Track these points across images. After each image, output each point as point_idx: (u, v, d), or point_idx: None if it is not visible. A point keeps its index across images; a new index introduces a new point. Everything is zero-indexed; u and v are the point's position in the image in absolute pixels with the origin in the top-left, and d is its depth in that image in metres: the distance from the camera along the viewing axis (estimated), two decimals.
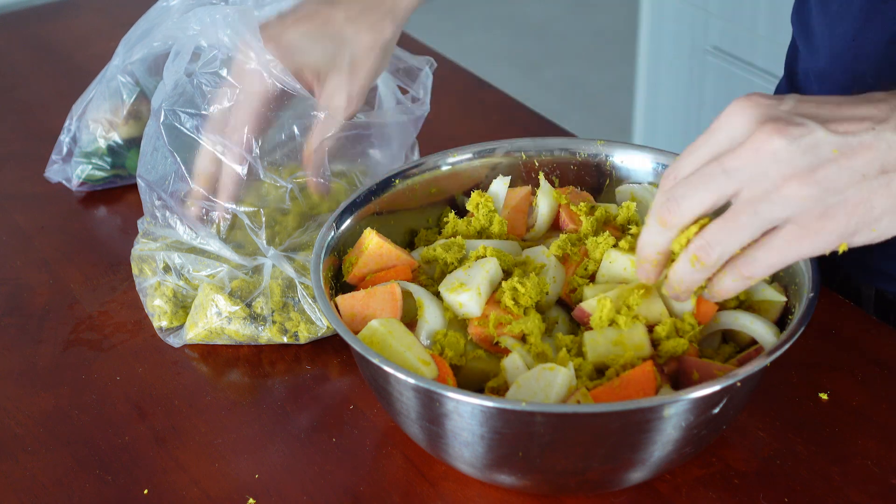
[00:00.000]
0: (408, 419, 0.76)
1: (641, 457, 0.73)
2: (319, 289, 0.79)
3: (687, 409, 0.70)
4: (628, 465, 0.73)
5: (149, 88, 1.09)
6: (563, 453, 0.72)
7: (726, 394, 0.71)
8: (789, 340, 0.72)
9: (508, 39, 3.60)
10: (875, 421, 0.83)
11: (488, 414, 0.70)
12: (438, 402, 0.72)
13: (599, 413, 0.69)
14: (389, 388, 0.75)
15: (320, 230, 0.86)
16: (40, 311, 0.97)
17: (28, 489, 0.80)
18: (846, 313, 0.93)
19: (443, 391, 0.71)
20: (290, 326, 0.90)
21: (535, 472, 0.75)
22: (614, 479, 0.75)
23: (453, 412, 0.71)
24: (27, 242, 1.06)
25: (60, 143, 1.12)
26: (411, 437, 0.78)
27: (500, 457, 0.73)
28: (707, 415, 0.72)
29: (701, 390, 0.69)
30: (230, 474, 0.81)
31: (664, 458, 0.74)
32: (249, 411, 0.86)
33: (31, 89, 1.33)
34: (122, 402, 0.87)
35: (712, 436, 0.76)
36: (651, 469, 0.74)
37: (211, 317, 0.90)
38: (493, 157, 0.93)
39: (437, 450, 0.76)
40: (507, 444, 0.72)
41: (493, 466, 0.74)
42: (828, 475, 0.79)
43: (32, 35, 1.45)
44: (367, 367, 0.77)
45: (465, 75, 1.32)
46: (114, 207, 1.11)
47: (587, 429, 0.70)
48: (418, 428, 0.76)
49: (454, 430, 0.72)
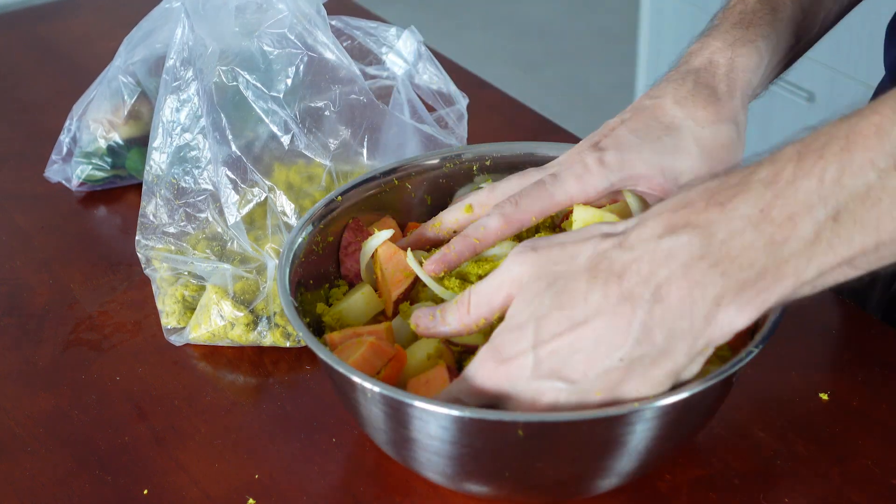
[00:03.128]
0: (375, 429, 0.74)
1: (605, 465, 0.71)
2: (286, 293, 0.78)
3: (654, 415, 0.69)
4: (593, 474, 0.72)
5: (150, 89, 1.09)
6: (527, 462, 0.71)
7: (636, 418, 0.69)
8: (744, 360, 0.71)
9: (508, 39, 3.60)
10: (875, 421, 0.83)
11: (453, 423, 0.69)
12: (402, 411, 0.70)
13: (563, 422, 0.68)
14: (355, 396, 0.73)
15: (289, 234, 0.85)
16: (40, 311, 0.97)
17: (28, 489, 0.80)
18: (846, 313, 0.93)
19: (407, 399, 0.69)
20: (291, 330, 0.90)
21: (501, 482, 0.73)
22: (582, 487, 0.74)
23: (418, 421, 0.70)
24: (27, 242, 1.06)
25: (60, 143, 1.12)
26: (381, 447, 0.77)
27: (466, 466, 0.72)
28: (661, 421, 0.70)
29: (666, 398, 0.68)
30: (230, 474, 0.81)
31: (633, 466, 0.72)
32: (249, 411, 0.86)
33: (31, 89, 1.33)
34: (122, 402, 0.87)
35: (689, 436, 0.75)
36: (620, 477, 0.73)
37: (214, 320, 0.90)
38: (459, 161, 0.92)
39: (406, 459, 0.75)
40: (472, 454, 0.71)
41: (460, 476, 0.73)
42: (828, 475, 0.79)
43: (32, 35, 1.45)
44: (332, 375, 0.76)
45: (465, 75, 1.32)
46: (114, 207, 1.11)
47: (552, 438, 0.69)
48: (386, 438, 0.74)
49: (420, 439, 0.71)
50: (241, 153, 0.91)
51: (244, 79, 0.92)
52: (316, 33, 0.94)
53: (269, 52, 0.93)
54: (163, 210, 0.94)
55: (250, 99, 0.92)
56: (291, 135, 0.92)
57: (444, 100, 1.05)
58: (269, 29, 0.92)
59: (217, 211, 0.93)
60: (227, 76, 0.91)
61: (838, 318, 0.92)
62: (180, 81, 0.94)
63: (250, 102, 0.92)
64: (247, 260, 0.92)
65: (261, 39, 0.92)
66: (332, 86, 0.95)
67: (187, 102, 0.94)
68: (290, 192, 0.92)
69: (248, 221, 0.92)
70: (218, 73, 0.91)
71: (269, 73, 0.93)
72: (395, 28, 1.06)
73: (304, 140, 0.93)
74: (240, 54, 0.92)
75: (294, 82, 0.94)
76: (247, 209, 0.91)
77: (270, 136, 0.92)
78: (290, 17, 0.92)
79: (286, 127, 0.92)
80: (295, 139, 0.92)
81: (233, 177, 0.91)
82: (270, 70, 0.93)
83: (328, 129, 0.95)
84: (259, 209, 0.92)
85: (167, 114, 0.94)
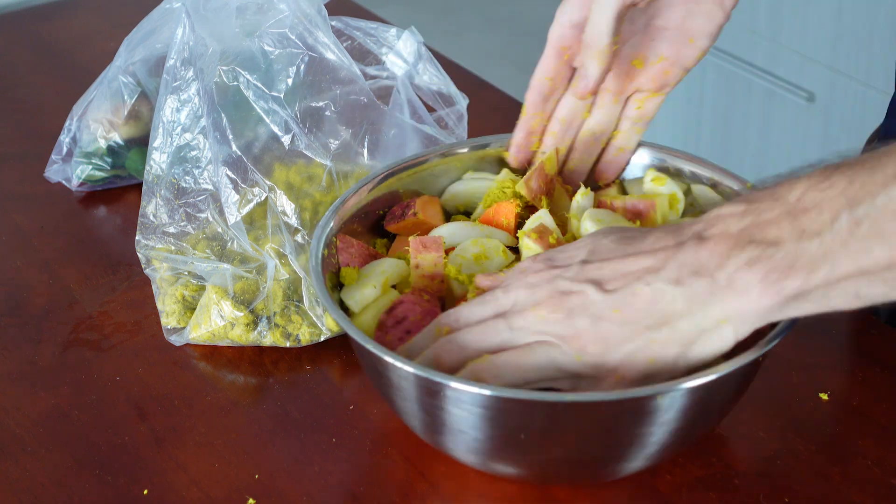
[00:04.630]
0: (405, 407, 0.76)
1: (635, 447, 0.73)
2: (320, 281, 0.79)
3: (683, 396, 0.71)
4: (622, 455, 0.74)
5: (150, 89, 1.09)
6: (558, 440, 0.73)
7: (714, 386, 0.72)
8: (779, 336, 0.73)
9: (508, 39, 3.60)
10: (875, 421, 0.83)
11: (484, 401, 0.71)
12: (435, 390, 0.72)
13: (591, 402, 0.70)
14: (388, 375, 0.75)
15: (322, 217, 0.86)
16: (40, 311, 0.97)
17: (28, 489, 0.80)
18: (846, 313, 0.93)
19: (440, 379, 0.71)
20: (291, 330, 0.90)
21: (531, 460, 0.76)
22: (608, 469, 0.76)
23: (451, 399, 0.72)
24: (27, 242, 1.06)
25: (60, 143, 1.12)
26: (409, 426, 0.78)
27: (497, 444, 0.74)
28: (699, 403, 0.73)
29: (696, 380, 0.70)
30: (230, 474, 0.81)
31: (659, 449, 0.74)
32: (249, 411, 0.86)
33: (31, 89, 1.33)
34: (122, 402, 0.87)
35: (711, 423, 0.77)
36: (645, 460, 0.75)
37: (214, 320, 0.90)
38: (489, 150, 0.94)
39: (435, 438, 0.77)
40: (504, 432, 0.73)
41: (490, 455, 0.75)
42: (828, 475, 0.79)
43: (32, 35, 1.45)
44: (363, 355, 0.77)
45: (465, 75, 1.32)
46: (114, 207, 1.11)
47: (581, 416, 0.71)
48: (415, 417, 0.76)
49: (451, 418, 0.73)
50: (241, 153, 0.91)
51: (245, 78, 0.92)
52: (317, 33, 0.94)
53: (270, 52, 0.93)
54: (163, 210, 0.94)
55: (251, 99, 0.92)
56: (292, 135, 0.92)
57: (444, 100, 1.05)
58: (270, 29, 0.92)
59: (217, 211, 0.93)
60: (227, 76, 0.91)
61: (839, 319, 0.92)
62: (181, 81, 0.94)
63: (251, 102, 0.92)
64: (247, 260, 0.92)
65: (262, 39, 0.92)
66: (332, 86, 0.95)
67: (188, 102, 0.94)
68: (290, 192, 0.92)
69: (248, 221, 0.92)
70: (219, 72, 0.91)
71: (269, 72, 0.93)
72: (395, 29, 1.06)
73: (304, 140, 0.93)
74: (240, 54, 0.92)
75: (295, 82, 0.94)
76: (247, 209, 0.91)
77: (271, 136, 0.92)
78: (292, 17, 0.92)
79: (287, 127, 0.92)
80: (295, 139, 0.92)
81: (233, 177, 0.91)
82: (271, 70, 0.93)
83: (329, 129, 0.95)
84: (259, 209, 0.92)
85: (167, 114, 0.94)
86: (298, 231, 0.91)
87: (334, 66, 0.95)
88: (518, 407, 0.71)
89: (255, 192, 0.91)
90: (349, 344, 0.91)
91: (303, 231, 0.91)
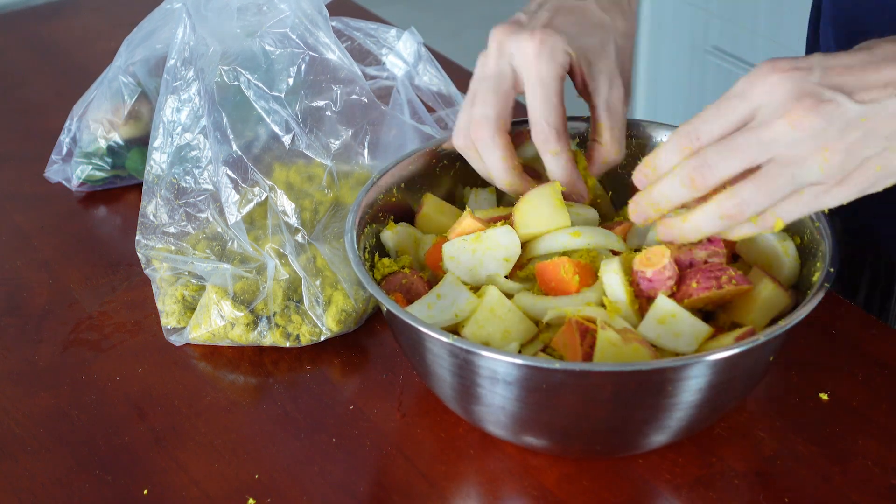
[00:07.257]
0: (440, 380, 0.77)
1: (661, 419, 0.75)
2: (355, 254, 0.80)
3: (708, 369, 0.72)
4: (649, 428, 0.75)
5: (150, 89, 1.09)
6: (585, 412, 0.74)
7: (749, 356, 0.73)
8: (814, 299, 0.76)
9: None
10: (875, 421, 0.83)
11: (516, 371, 0.72)
12: (468, 360, 0.73)
13: (619, 372, 0.71)
14: (423, 346, 0.76)
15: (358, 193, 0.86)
16: (40, 311, 0.97)
17: (28, 489, 0.80)
18: (846, 313, 0.93)
19: (474, 349, 0.72)
20: (291, 329, 0.90)
21: (558, 434, 0.77)
22: (635, 441, 0.78)
23: (484, 370, 0.73)
24: (27, 242, 1.06)
25: (60, 143, 1.12)
26: (441, 397, 0.80)
27: (526, 415, 0.75)
28: (728, 375, 0.74)
29: (722, 352, 0.71)
30: (230, 474, 0.81)
31: (685, 421, 0.75)
32: (249, 411, 0.86)
33: (31, 89, 1.33)
34: (122, 403, 0.87)
35: (734, 399, 0.78)
36: (671, 433, 0.76)
37: (214, 320, 0.90)
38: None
39: (467, 409, 0.78)
40: (532, 403, 0.74)
41: (518, 424, 0.76)
42: (828, 475, 0.79)
43: (32, 35, 1.45)
44: (396, 323, 0.78)
45: (465, 75, 1.32)
46: (114, 207, 1.11)
47: (607, 387, 0.72)
48: (449, 387, 0.77)
49: (484, 389, 0.74)
50: (241, 153, 0.91)
51: (245, 78, 0.92)
52: (317, 33, 0.94)
53: (271, 52, 0.93)
54: (163, 210, 0.94)
55: (251, 98, 0.92)
56: (292, 134, 0.92)
57: (444, 100, 1.05)
58: (271, 28, 0.92)
59: (217, 211, 0.93)
60: (228, 76, 0.91)
61: (838, 319, 0.92)
62: (181, 81, 0.94)
63: (251, 102, 0.92)
64: (247, 260, 0.92)
65: (262, 39, 0.92)
66: (332, 86, 0.95)
67: (188, 102, 0.94)
68: (290, 192, 0.92)
69: (248, 221, 0.92)
70: (219, 72, 0.91)
71: (270, 72, 0.93)
72: (395, 29, 1.06)
73: (304, 140, 0.93)
74: (241, 54, 0.92)
75: (295, 82, 0.94)
76: (247, 209, 0.91)
77: (271, 136, 0.92)
78: (292, 17, 0.92)
79: (287, 127, 0.92)
80: (296, 139, 0.92)
81: (233, 176, 0.91)
82: (272, 70, 0.93)
83: (329, 129, 0.95)
84: (259, 209, 0.92)
85: (168, 114, 0.94)
86: (298, 231, 0.91)
87: (335, 66, 0.95)
88: (545, 375, 0.72)
89: (256, 192, 0.91)
90: (349, 344, 0.91)
91: (303, 231, 0.91)
